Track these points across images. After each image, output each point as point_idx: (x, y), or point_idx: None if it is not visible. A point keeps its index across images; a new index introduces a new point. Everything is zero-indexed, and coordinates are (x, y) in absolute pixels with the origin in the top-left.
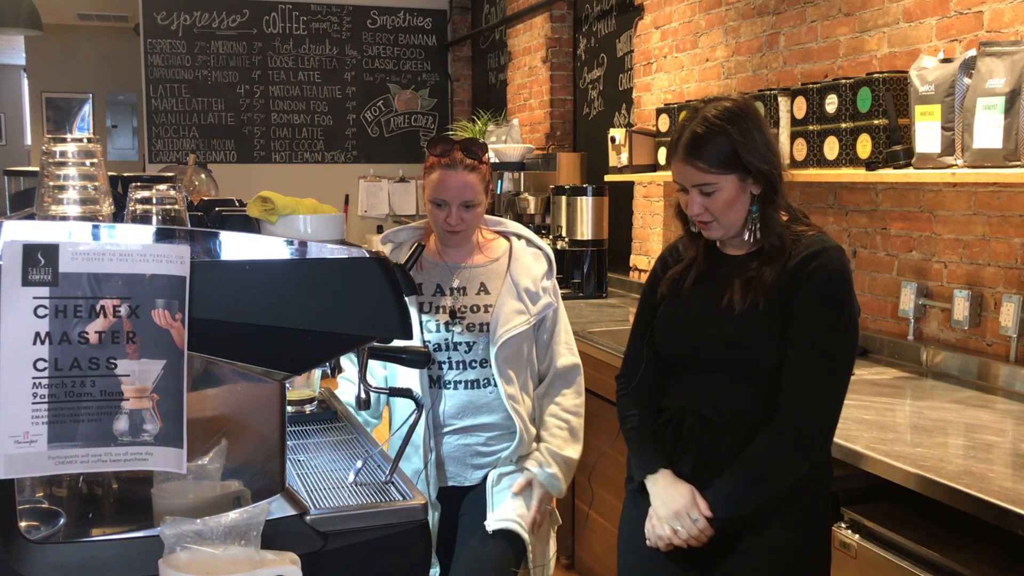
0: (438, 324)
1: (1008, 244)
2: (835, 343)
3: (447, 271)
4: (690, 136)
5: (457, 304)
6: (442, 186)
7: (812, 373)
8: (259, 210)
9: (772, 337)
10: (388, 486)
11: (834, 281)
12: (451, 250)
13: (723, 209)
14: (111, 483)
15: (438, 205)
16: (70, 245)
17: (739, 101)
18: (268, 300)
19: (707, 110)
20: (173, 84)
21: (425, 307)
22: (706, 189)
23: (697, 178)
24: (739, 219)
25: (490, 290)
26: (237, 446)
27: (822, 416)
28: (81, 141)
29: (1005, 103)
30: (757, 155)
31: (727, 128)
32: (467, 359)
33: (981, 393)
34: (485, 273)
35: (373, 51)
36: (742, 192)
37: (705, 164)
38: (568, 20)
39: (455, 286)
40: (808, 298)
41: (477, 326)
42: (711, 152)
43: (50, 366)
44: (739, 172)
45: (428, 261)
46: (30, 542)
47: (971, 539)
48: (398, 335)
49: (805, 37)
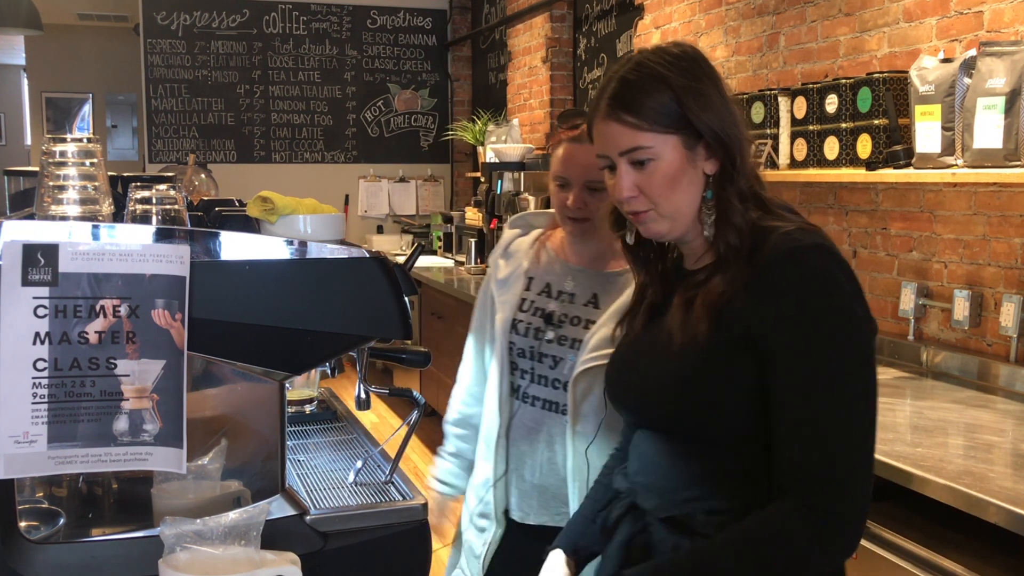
0: (528, 327)
1: (1008, 244)
2: (839, 378)
3: (564, 271)
4: (618, 84)
5: (559, 311)
6: (567, 161)
7: (818, 437)
8: (259, 210)
9: (716, 386)
10: (388, 486)
11: (816, 289)
12: (576, 246)
13: (663, 188)
14: (111, 483)
15: (561, 185)
16: (70, 245)
17: (686, 47)
18: (268, 300)
19: (642, 55)
20: (173, 84)
21: (524, 305)
22: (638, 156)
23: (625, 140)
24: (687, 206)
25: (601, 304)
26: (237, 446)
27: (850, 494)
28: (81, 141)
29: (1005, 103)
30: (711, 112)
31: (667, 75)
32: (550, 376)
33: (981, 393)
34: (604, 283)
35: (373, 51)
36: (689, 165)
37: (635, 118)
38: (568, 20)
39: (566, 289)
40: (782, 323)
41: (570, 341)
42: (645, 103)
43: (50, 366)
44: (684, 134)
45: (548, 255)
46: (30, 542)
47: (971, 539)
48: (398, 335)
49: (805, 37)
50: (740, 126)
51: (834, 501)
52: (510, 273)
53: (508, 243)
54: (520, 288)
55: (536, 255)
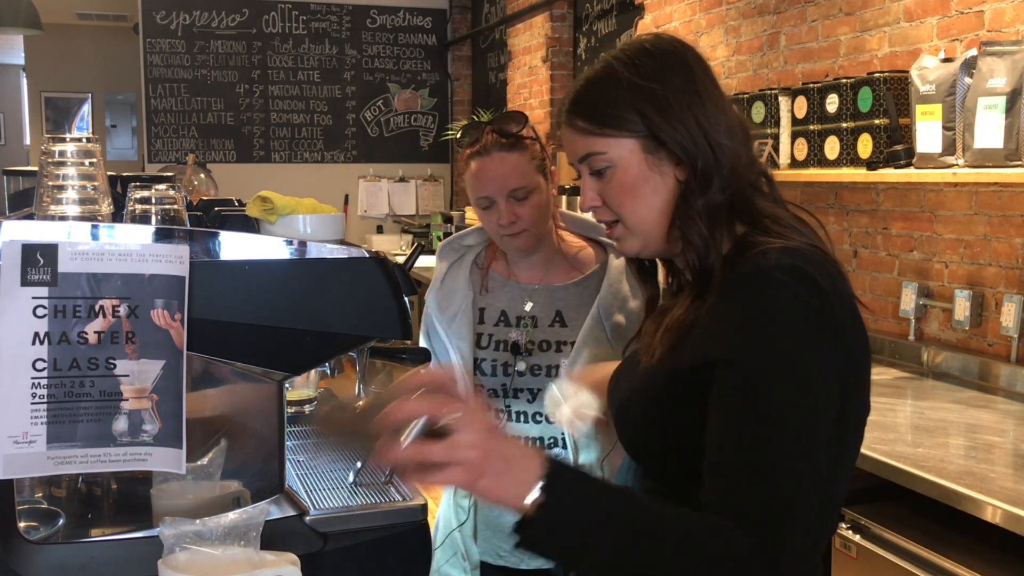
0: (495, 365)
1: (1009, 244)
2: (767, 420)
3: (517, 293)
4: (578, 86)
5: (524, 339)
6: (480, 178)
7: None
8: (258, 210)
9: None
10: (388, 486)
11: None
12: (522, 263)
13: (621, 197)
14: (110, 483)
15: (485, 207)
16: (69, 245)
17: (664, 41)
18: (268, 300)
19: (611, 52)
20: (172, 84)
21: (483, 341)
22: (594, 163)
23: (579, 146)
24: (652, 216)
25: (568, 322)
26: (237, 446)
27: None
28: (80, 141)
29: (1006, 103)
30: (669, 113)
31: (622, 73)
32: (530, 411)
33: (982, 393)
34: (566, 297)
35: (373, 51)
36: (652, 171)
37: (586, 122)
38: (568, 19)
39: (526, 313)
40: (727, 353)
41: (544, 369)
42: (596, 105)
43: (49, 366)
44: (641, 138)
45: (495, 280)
46: (29, 542)
47: (971, 539)
48: (398, 335)
49: (806, 36)
50: (715, 131)
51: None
52: (456, 309)
53: (443, 276)
54: (471, 323)
55: (482, 282)
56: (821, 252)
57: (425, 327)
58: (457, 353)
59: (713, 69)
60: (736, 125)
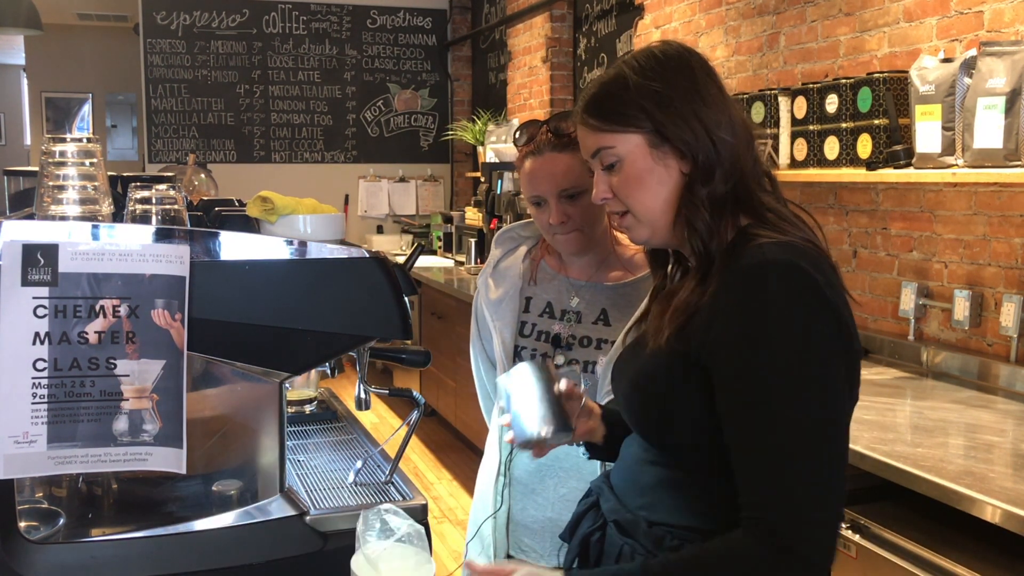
0: (534, 354)
1: (1009, 244)
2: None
3: (565, 287)
4: (591, 89)
5: (566, 332)
6: (533, 177)
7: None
8: (259, 210)
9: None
10: (388, 486)
11: (762, 311)
12: (574, 261)
13: (629, 189)
14: (111, 483)
15: (537, 204)
16: (70, 245)
17: (672, 49)
18: (268, 300)
19: (623, 57)
20: (173, 84)
21: (526, 329)
22: (604, 158)
23: (590, 142)
24: (659, 206)
25: (611, 321)
26: (237, 446)
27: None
28: (81, 141)
29: (1006, 103)
30: (672, 111)
31: (629, 75)
32: None
33: (981, 393)
34: (613, 297)
35: (373, 51)
36: (657, 164)
37: (596, 120)
38: (568, 20)
39: (571, 307)
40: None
41: (582, 364)
42: (605, 104)
43: (50, 366)
44: (645, 132)
45: (546, 272)
46: (30, 542)
47: (971, 539)
48: (398, 335)
49: (805, 37)
50: (716, 127)
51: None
52: (503, 294)
53: (496, 262)
54: (517, 310)
55: (532, 273)
56: (816, 247)
57: (474, 310)
58: (499, 338)
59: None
60: (739, 124)
